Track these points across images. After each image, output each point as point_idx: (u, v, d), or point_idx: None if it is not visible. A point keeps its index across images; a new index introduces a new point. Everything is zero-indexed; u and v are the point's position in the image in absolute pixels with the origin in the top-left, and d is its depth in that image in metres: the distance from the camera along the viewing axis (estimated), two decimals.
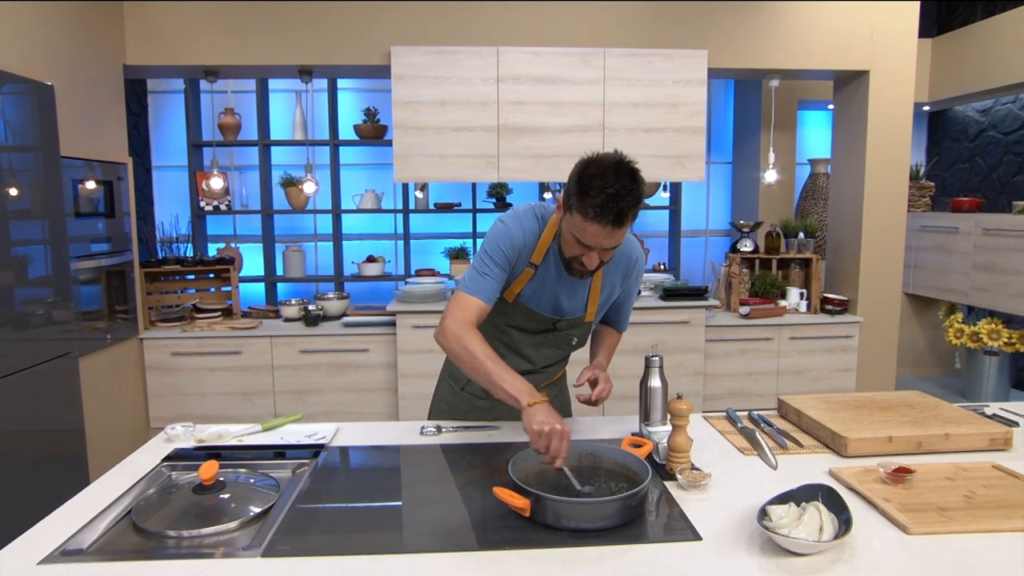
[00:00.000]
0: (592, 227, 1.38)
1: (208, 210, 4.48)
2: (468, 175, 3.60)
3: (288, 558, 1.12)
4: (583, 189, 1.37)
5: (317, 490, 1.39)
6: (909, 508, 1.26)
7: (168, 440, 1.65)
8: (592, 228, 1.38)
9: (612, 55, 3.54)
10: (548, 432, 1.27)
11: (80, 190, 3.03)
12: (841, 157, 4.04)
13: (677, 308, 3.68)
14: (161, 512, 1.29)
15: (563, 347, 1.74)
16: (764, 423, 1.75)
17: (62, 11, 2.97)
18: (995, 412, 1.84)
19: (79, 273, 3.01)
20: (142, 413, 3.58)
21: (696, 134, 3.63)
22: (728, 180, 5.32)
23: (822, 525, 1.13)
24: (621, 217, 1.36)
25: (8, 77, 2.47)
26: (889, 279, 3.87)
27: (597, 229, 1.38)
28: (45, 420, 2.64)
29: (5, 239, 2.42)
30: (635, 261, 1.70)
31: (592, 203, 1.35)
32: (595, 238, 1.40)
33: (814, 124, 5.24)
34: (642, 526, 1.21)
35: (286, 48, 3.52)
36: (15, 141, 2.50)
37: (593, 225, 1.37)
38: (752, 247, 4.08)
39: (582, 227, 1.39)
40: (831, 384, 3.86)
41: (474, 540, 1.18)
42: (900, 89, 3.71)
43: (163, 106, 4.79)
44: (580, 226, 1.40)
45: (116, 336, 3.33)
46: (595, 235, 1.39)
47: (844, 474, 1.41)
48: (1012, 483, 1.37)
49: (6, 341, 2.42)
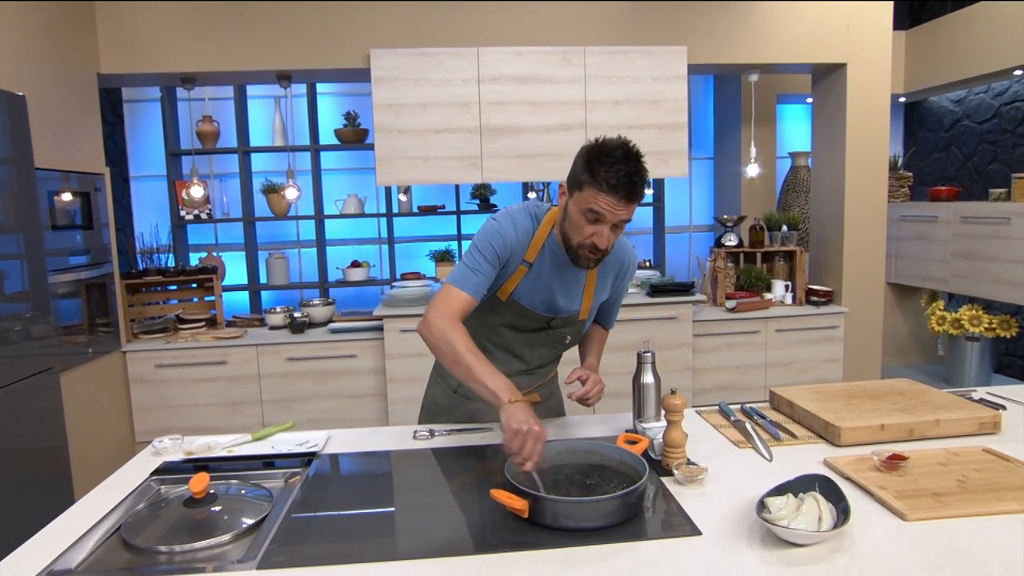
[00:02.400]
0: (606, 198, 1.40)
1: (189, 219, 4.42)
2: (451, 177, 3.58)
3: (284, 569, 1.10)
4: (596, 165, 1.40)
5: (310, 499, 1.37)
6: (905, 495, 1.26)
7: (156, 453, 1.62)
8: (605, 199, 1.40)
9: (592, 53, 3.55)
10: (525, 432, 1.24)
11: (56, 202, 2.97)
12: (821, 150, 4.08)
13: (664, 304, 3.69)
14: (151, 527, 1.26)
15: (556, 346, 1.74)
16: (757, 415, 1.75)
17: (33, 19, 2.91)
18: (982, 397, 1.86)
19: (57, 287, 2.95)
20: (127, 427, 3.52)
21: (678, 130, 3.64)
22: (710, 175, 5.35)
23: (821, 515, 1.14)
24: (633, 188, 1.40)
25: None
26: (872, 269, 3.91)
27: (611, 200, 1.40)
28: (27, 438, 2.58)
29: None
30: (628, 263, 1.72)
31: (607, 178, 1.39)
32: (609, 207, 1.41)
33: (793, 117, 5.29)
34: (641, 523, 1.20)
35: (264, 53, 3.48)
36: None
37: (608, 196, 1.40)
38: (736, 241, 4.11)
39: (595, 199, 1.41)
40: (818, 375, 3.90)
41: (471, 544, 1.16)
42: (877, 81, 3.76)
43: (139, 115, 4.72)
44: (593, 198, 1.41)
45: (98, 350, 3.27)
46: (609, 205, 1.41)
47: (839, 463, 1.42)
48: (1003, 466, 1.39)
49: None
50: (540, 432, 1.25)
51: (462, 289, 1.49)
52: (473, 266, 1.51)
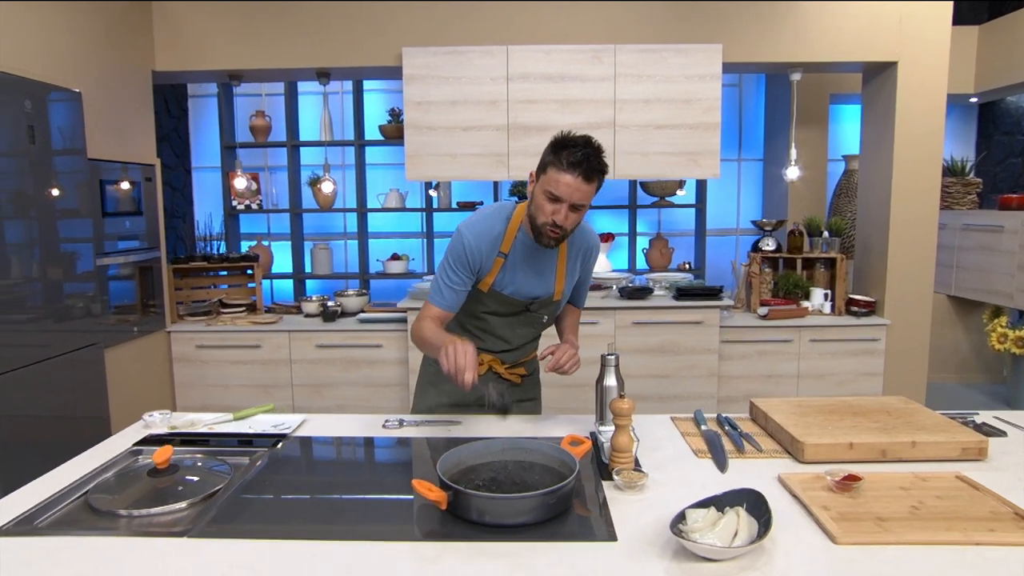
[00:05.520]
0: (565, 177, 1.55)
1: (240, 209, 4.67)
2: (477, 173, 3.62)
3: (212, 539, 1.17)
4: (559, 149, 1.57)
5: (263, 478, 1.44)
6: (847, 517, 1.21)
7: (146, 427, 1.75)
8: (566, 179, 1.55)
9: (623, 51, 3.50)
10: (452, 351, 1.46)
11: (108, 191, 3.22)
12: (869, 153, 3.87)
13: (690, 308, 3.61)
14: (116, 493, 1.37)
15: (535, 326, 1.88)
16: (729, 426, 1.70)
17: (95, 20, 3.15)
18: (985, 421, 1.74)
19: (107, 269, 3.19)
20: (169, 402, 3.77)
21: (710, 130, 3.55)
22: (759, 177, 5.17)
23: (737, 530, 1.11)
24: (591, 172, 1.55)
25: (38, 85, 2.65)
26: (919, 280, 3.68)
27: (570, 179, 1.55)
28: (71, 406, 2.82)
29: (33, 237, 2.59)
30: (593, 247, 1.87)
31: (567, 157, 1.55)
32: (567, 189, 1.55)
33: (850, 118, 5.03)
34: (563, 524, 1.21)
35: (304, 52, 3.63)
36: (45, 145, 2.68)
37: (567, 175, 1.55)
38: (774, 246, 3.96)
39: (556, 179, 1.56)
40: (856, 388, 3.71)
41: (395, 531, 1.20)
42: (932, 80, 3.52)
43: (202, 109, 5.01)
44: (555, 179, 1.57)
45: (143, 329, 3.51)
46: (567, 185, 1.55)
47: (791, 480, 1.37)
48: (970, 495, 1.30)
49: (35, 332, 2.61)
50: (463, 345, 1.47)
51: (438, 306, 1.73)
52: (447, 282, 1.71)
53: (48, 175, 2.70)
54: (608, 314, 3.62)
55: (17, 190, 2.53)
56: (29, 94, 2.59)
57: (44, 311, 2.67)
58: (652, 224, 5.06)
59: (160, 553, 1.14)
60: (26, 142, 2.57)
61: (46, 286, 2.69)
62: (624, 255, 4.91)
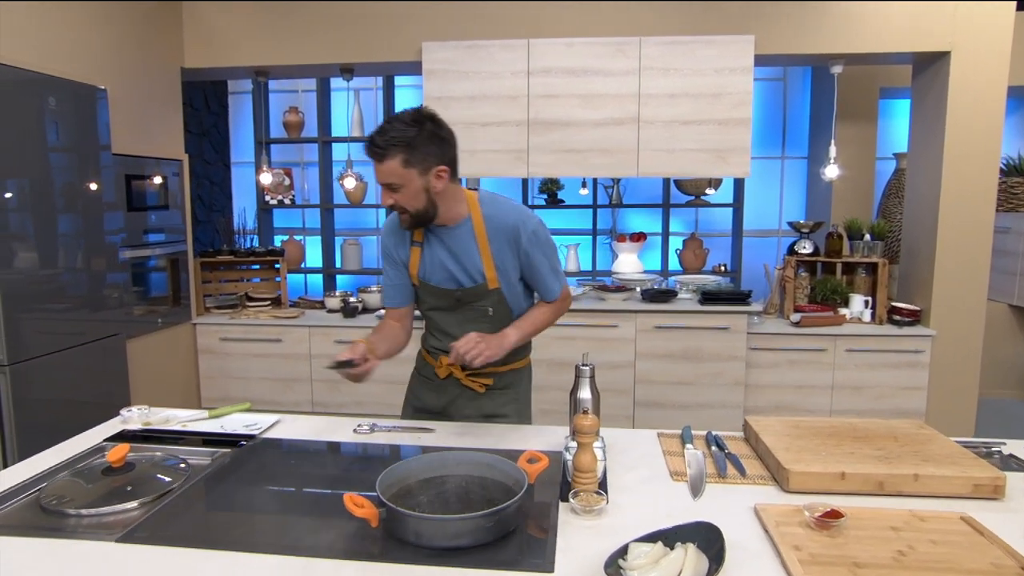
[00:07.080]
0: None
1: (273, 204, 4.74)
2: (496, 170, 3.55)
3: (141, 545, 1.14)
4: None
5: (215, 482, 1.41)
6: (818, 560, 1.08)
7: (124, 422, 1.75)
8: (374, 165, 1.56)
9: (648, 44, 3.35)
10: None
11: (135, 186, 3.30)
12: (917, 150, 3.59)
13: (716, 313, 3.44)
14: (69, 491, 1.36)
15: (482, 321, 1.73)
16: (717, 446, 1.58)
17: (122, 20, 3.24)
18: (1012, 452, 1.55)
19: (130, 262, 3.27)
20: (194, 392, 3.85)
21: (741, 126, 3.36)
22: (804, 176, 4.89)
23: (682, 570, 1.00)
24: (373, 152, 1.53)
25: (61, 82, 2.72)
26: (971, 287, 3.39)
27: (374, 165, 1.55)
28: (94, 393, 2.91)
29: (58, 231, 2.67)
30: (515, 227, 1.67)
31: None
32: (376, 174, 1.56)
33: (902, 114, 4.69)
34: (500, 550, 1.12)
35: (327, 47, 3.64)
36: (68, 141, 2.76)
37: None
38: (811, 249, 3.73)
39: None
40: (896, 403, 3.46)
41: (327, 547, 1.14)
42: (989, 72, 3.23)
43: (241, 106, 5.12)
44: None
45: (168, 320, 3.60)
46: (375, 171, 1.56)
47: (767, 512, 1.24)
48: (972, 541, 1.15)
49: (59, 321, 2.69)
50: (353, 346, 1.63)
51: (386, 305, 1.82)
52: (385, 282, 1.80)
53: (71, 170, 2.78)
54: (629, 317, 3.49)
55: (40, 186, 2.61)
56: (53, 91, 2.67)
57: (68, 302, 2.76)
58: (689, 224, 4.87)
59: (83, 557, 1.11)
60: (50, 138, 2.65)
61: (71, 278, 2.77)
62: (657, 256, 4.74)
